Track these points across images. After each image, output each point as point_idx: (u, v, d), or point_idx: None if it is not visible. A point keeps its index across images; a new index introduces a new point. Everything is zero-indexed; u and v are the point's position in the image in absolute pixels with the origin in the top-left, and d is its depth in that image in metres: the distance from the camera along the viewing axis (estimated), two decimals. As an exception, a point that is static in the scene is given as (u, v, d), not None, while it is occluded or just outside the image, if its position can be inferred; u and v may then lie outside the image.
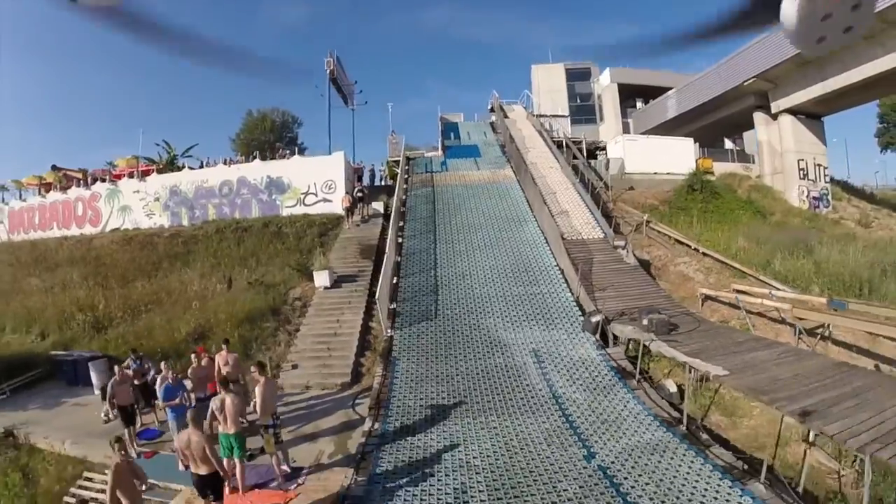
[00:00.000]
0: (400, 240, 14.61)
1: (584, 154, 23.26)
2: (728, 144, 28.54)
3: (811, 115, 24.81)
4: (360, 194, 18.42)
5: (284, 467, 6.69)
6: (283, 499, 6.12)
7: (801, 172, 24.12)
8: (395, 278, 12.80)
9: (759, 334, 10.53)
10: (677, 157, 23.29)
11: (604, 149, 25.04)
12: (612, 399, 7.94)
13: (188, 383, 8.35)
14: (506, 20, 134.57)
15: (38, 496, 8.84)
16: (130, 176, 23.25)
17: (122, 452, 4.93)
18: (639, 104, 32.14)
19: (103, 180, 24.18)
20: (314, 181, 19.43)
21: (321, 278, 13.56)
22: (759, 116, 25.07)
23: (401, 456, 6.78)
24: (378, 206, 18.67)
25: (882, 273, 13.61)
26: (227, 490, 5.97)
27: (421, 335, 10.46)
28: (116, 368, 8.73)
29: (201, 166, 23.76)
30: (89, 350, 13.86)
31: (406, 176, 19.64)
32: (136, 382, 9.01)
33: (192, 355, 8.85)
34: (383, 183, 23.82)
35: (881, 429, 5.37)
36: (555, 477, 5.98)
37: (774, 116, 24.66)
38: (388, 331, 10.59)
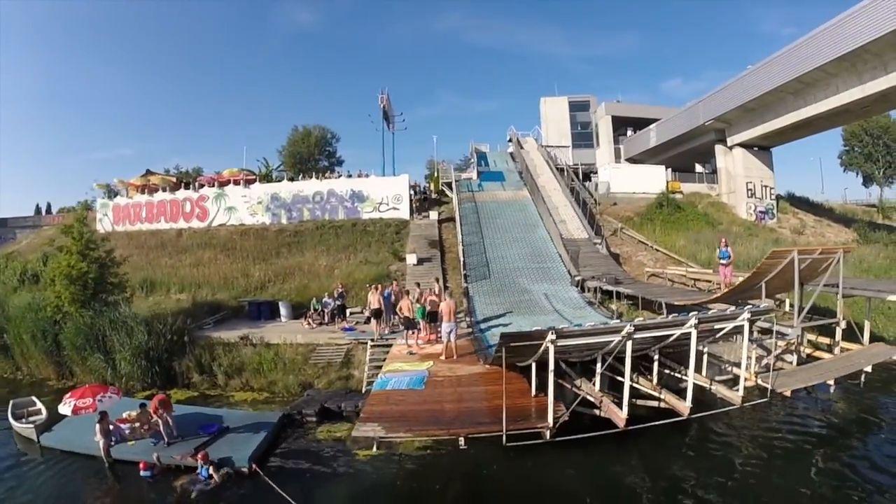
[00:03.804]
0: (461, 236, 24.70)
1: (581, 177, 33.63)
2: (699, 168, 38.65)
3: (762, 147, 34.85)
4: (423, 198, 28.79)
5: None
6: (441, 336, 16.09)
7: (750, 192, 34.13)
8: (463, 258, 22.84)
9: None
10: (651, 180, 33.55)
11: (597, 172, 35.39)
12: (582, 310, 18.06)
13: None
14: (514, 28, 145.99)
15: (287, 362, 17.39)
16: (236, 183, 33.03)
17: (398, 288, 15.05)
18: (629, 132, 42.41)
19: (211, 185, 33.93)
20: (386, 194, 29.61)
21: (411, 258, 23.70)
22: (718, 148, 35.13)
23: (487, 324, 16.81)
24: (433, 214, 28.83)
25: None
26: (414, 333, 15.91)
27: (483, 286, 20.61)
28: (380, 288, 18.06)
29: (291, 179, 33.90)
30: (262, 298, 23.26)
31: (455, 193, 29.89)
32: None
33: (371, 287, 18.66)
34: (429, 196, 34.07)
35: (684, 300, 15.53)
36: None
37: (730, 148, 34.68)
38: (465, 284, 20.66)
